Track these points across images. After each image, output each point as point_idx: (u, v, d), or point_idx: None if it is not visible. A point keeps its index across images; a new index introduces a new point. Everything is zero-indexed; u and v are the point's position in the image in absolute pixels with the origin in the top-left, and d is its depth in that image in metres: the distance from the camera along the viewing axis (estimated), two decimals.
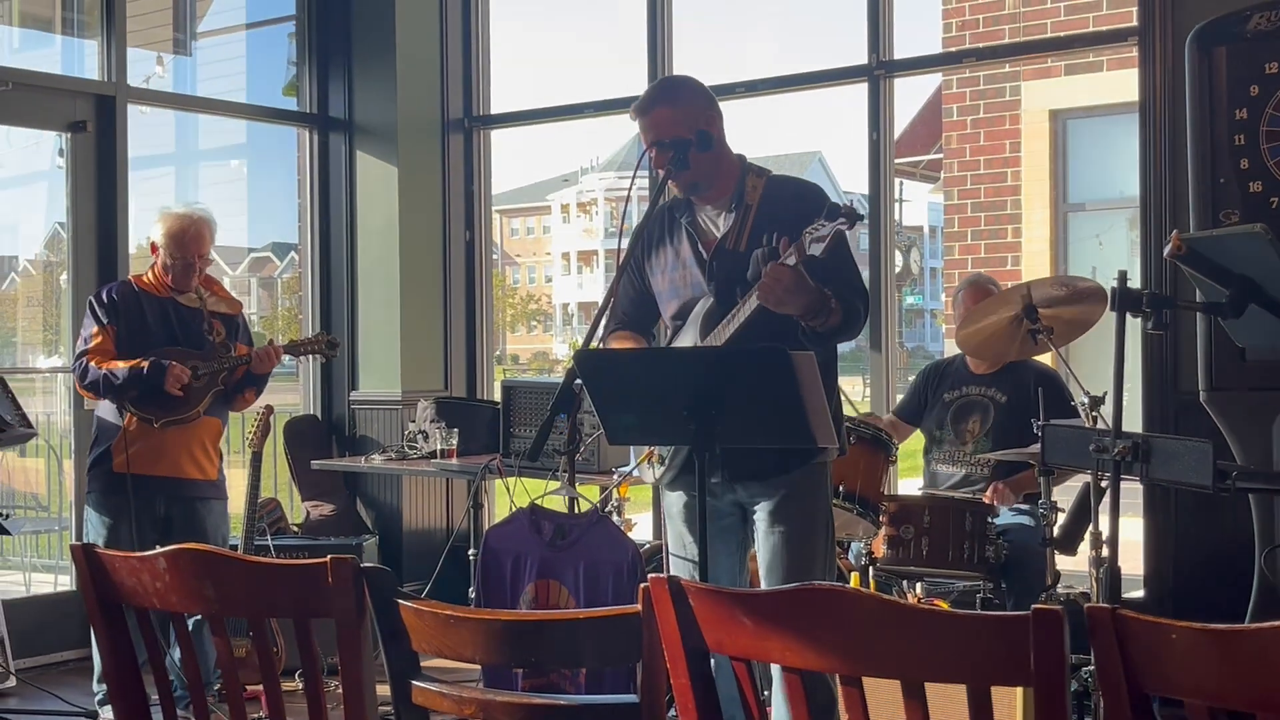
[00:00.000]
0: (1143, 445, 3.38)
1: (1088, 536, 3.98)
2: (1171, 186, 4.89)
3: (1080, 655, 3.68)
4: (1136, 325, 3.37)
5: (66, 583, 6.62)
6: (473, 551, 5.09)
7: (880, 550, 4.60)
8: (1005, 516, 4.85)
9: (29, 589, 6.99)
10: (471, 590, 4.70)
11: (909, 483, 6.66)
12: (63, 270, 6.54)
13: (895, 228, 6.43)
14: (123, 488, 4.78)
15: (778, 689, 3.36)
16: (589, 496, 4.89)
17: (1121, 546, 3.43)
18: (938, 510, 4.60)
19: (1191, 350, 4.68)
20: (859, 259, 3.78)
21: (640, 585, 1.88)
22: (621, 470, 4.91)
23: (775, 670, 3.30)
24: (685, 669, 1.84)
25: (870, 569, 4.60)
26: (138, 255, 6.11)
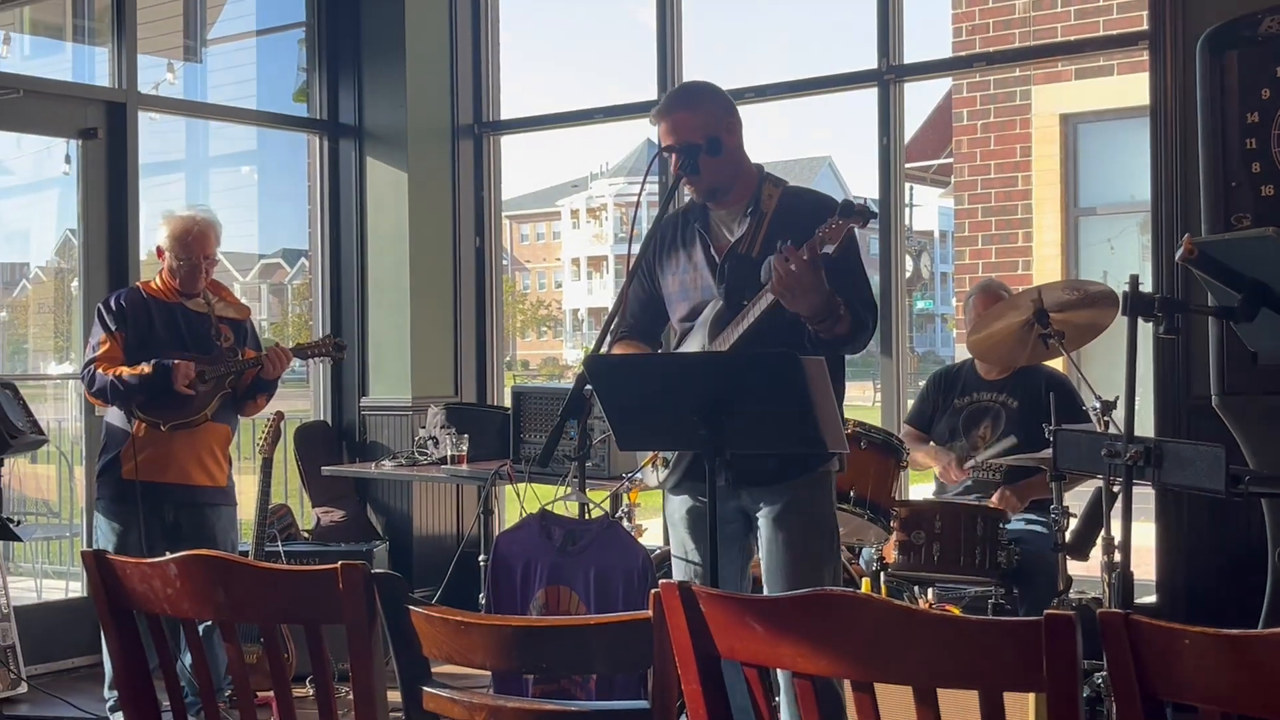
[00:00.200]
0: (1155, 450, 3.37)
1: (1100, 542, 3.98)
2: (1183, 190, 4.87)
3: (1093, 661, 3.67)
4: (1148, 330, 3.35)
5: (78, 589, 6.63)
6: (483, 557, 5.09)
7: (891, 556, 4.59)
8: (1017, 522, 4.84)
9: (40, 595, 7.00)
10: (482, 596, 4.70)
11: (920, 488, 6.65)
12: (74, 277, 6.56)
13: (906, 232, 6.42)
14: (132, 494, 4.78)
15: (785, 696, 3.35)
16: (599, 502, 4.88)
17: (1134, 552, 3.41)
18: (949, 515, 4.59)
19: (1203, 355, 4.67)
20: (869, 264, 3.77)
21: (651, 591, 1.88)
22: (630, 476, 4.90)
23: (782, 678, 3.29)
24: (696, 675, 1.84)
25: (881, 574, 4.59)
26: (148, 262, 6.11)
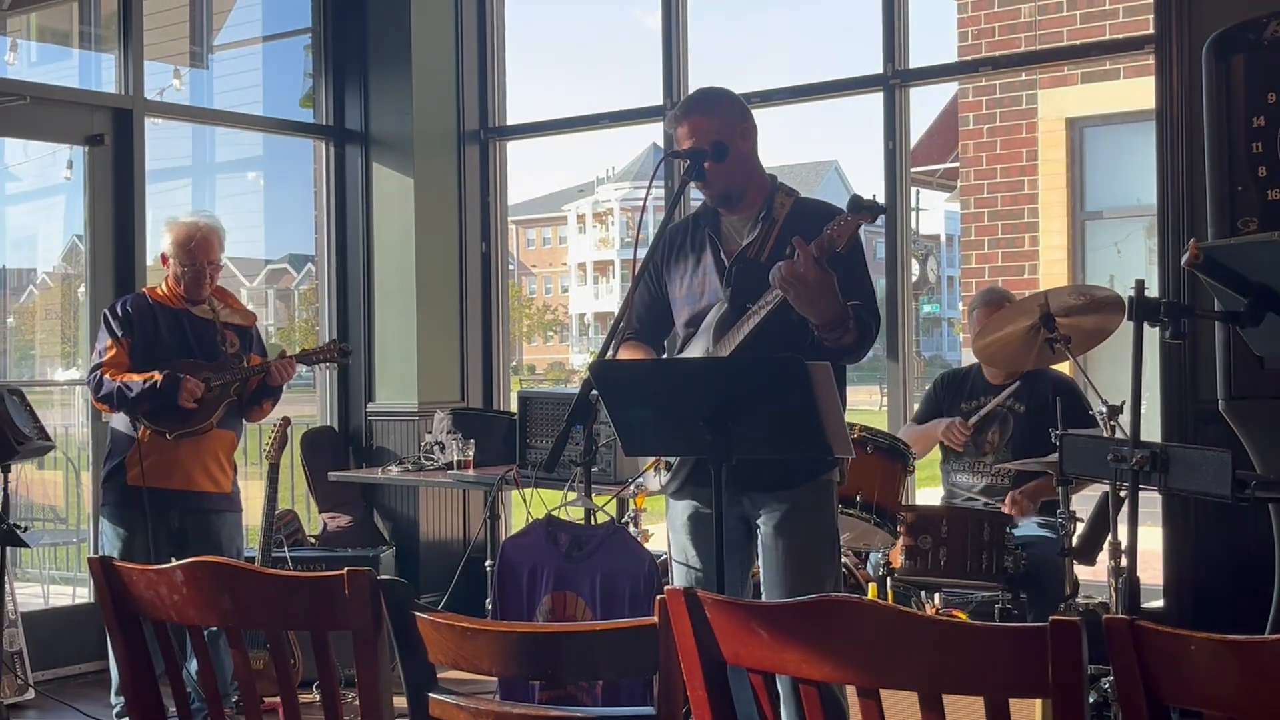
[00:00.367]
0: (1161, 455, 3.36)
1: (1106, 546, 3.97)
2: (1189, 194, 4.86)
3: (1099, 666, 3.66)
4: (1155, 334, 3.35)
5: (84, 595, 6.63)
6: (489, 563, 5.09)
7: (898, 560, 4.59)
8: (1024, 528, 4.83)
9: (47, 601, 7.00)
10: (488, 602, 4.70)
11: (927, 493, 6.64)
12: (80, 283, 6.57)
13: (912, 236, 6.41)
14: (137, 500, 4.79)
15: (786, 707, 3.33)
16: (604, 506, 4.88)
17: (1140, 556, 3.40)
18: (956, 520, 4.59)
19: (1210, 359, 4.66)
20: (875, 268, 3.77)
21: (657, 597, 1.87)
22: (633, 480, 4.90)
23: (783, 688, 3.28)
24: (702, 681, 1.84)
25: (888, 579, 4.59)
26: (155, 268, 6.12)
